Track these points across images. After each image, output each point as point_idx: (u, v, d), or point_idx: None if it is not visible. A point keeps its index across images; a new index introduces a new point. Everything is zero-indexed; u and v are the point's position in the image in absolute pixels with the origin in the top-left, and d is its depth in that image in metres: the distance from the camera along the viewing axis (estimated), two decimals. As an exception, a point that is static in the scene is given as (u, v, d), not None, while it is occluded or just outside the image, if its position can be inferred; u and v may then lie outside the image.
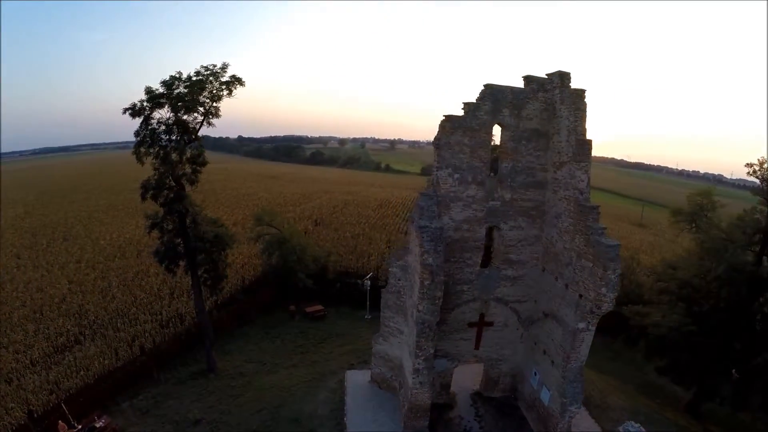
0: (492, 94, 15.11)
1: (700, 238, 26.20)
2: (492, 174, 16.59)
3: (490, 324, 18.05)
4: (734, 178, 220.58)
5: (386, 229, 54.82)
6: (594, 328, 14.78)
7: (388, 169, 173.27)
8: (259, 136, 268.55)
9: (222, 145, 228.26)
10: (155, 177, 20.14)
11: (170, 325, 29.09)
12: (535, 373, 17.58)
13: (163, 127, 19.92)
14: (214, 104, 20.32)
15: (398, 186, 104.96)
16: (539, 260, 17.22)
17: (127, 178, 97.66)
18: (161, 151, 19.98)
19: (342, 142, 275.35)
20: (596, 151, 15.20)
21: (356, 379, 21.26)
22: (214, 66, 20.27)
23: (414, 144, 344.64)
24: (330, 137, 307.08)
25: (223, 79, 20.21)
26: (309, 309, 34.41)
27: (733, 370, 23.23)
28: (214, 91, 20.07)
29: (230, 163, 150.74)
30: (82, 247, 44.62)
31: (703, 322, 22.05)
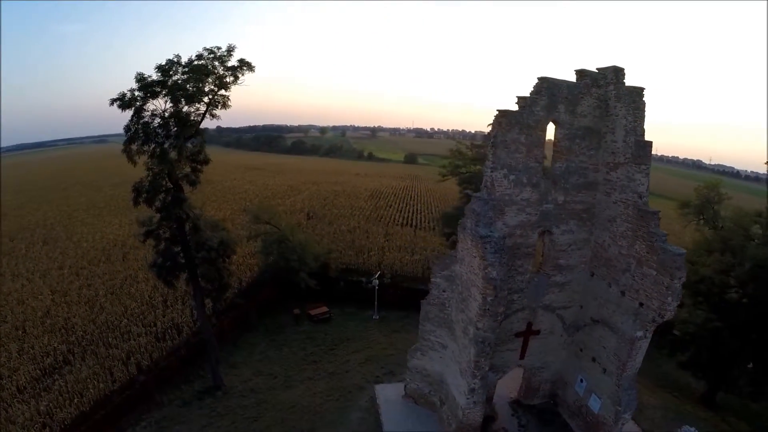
0: (548, 88, 13.61)
1: (718, 233, 25.66)
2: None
3: (537, 332, 16.84)
4: (713, 163, 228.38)
5: (382, 221, 53.04)
6: (650, 336, 13.93)
7: (371, 157, 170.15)
8: (237, 126, 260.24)
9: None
10: (149, 178, 17.58)
11: (167, 337, 26.65)
12: (582, 380, 16.80)
13: (158, 120, 17.30)
14: (221, 92, 17.79)
15: (385, 175, 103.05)
16: (587, 264, 16.20)
17: (106, 173, 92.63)
18: (157, 149, 17.41)
19: (322, 130, 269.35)
20: None
21: (388, 395, 19.56)
22: (219, 49, 17.62)
23: (395, 131, 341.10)
24: (309, 126, 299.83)
25: (229, 64, 17.66)
26: (313, 311, 32.41)
27: (750, 363, 23.01)
28: (220, 79, 17.50)
29: (211, 154, 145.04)
30: (63, 252, 41.24)
31: (728, 318, 21.57)
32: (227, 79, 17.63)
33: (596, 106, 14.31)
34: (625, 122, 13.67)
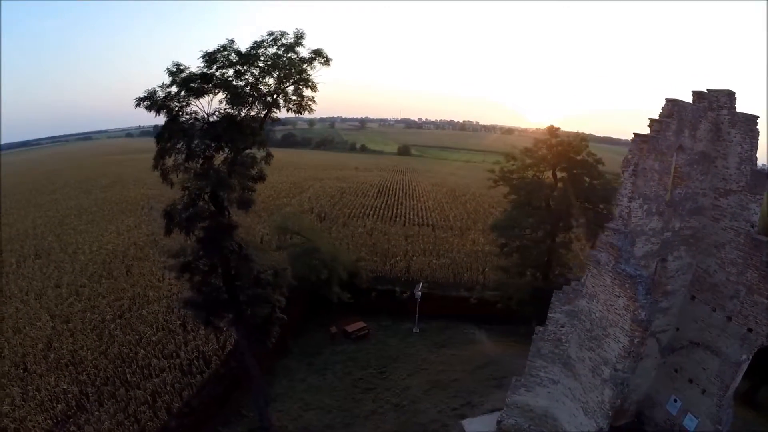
0: (678, 111, 12.70)
1: None
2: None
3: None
4: None
5: (398, 221, 49.52)
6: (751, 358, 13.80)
7: (364, 149, 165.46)
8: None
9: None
10: (185, 199, 13.66)
11: (193, 369, 22.87)
12: (675, 400, 16.40)
13: (199, 126, 13.37)
14: (303, 90, 13.90)
15: (384, 168, 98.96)
16: (687, 288, 15.69)
17: (95, 174, 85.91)
18: (205, 164, 13.50)
19: (310, 122, 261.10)
20: (566, 125, 12.15)
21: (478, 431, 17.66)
22: (283, 34, 13.66)
23: (383, 122, 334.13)
24: (297, 118, 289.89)
25: (304, 55, 13.76)
26: (350, 328, 28.89)
27: None
28: (299, 73, 13.59)
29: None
30: (58, 266, 36.35)
31: None
32: (306, 75, 13.74)
33: (709, 130, 13.68)
34: (740, 149, 13.26)
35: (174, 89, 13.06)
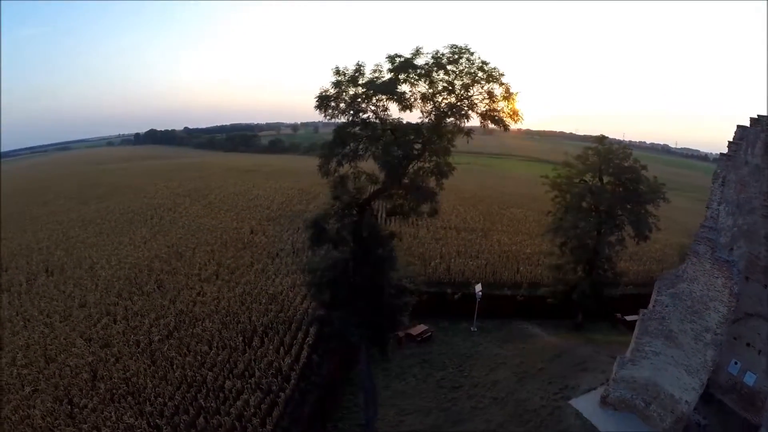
0: (746, 134, 15.36)
1: None
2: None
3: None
4: (679, 147, 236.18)
5: (422, 224, 47.21)
6: None
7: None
8: (206, 126, 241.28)
9: (170, 138, 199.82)
10: (340, 208, 11.37)
11: (273, 388, 19.86)
12: (736, 362, 18.55)
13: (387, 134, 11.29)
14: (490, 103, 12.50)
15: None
16: (742, 272, 17.65)
17: (85, 184, 79.23)
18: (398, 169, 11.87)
19: (294, 128, 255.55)
20: (546, 125, 11.33)
21: (587, 408, 19.35)
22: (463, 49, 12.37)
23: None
24: (279, 123, 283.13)
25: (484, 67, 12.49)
26: (414, 331, 26.82)
27: None
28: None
29: (188, 157, 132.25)
30: (77, 283, 32.01)
31: None
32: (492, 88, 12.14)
33: (762, 147, 15.85)
34: None
35: (358, 90, 11.02)
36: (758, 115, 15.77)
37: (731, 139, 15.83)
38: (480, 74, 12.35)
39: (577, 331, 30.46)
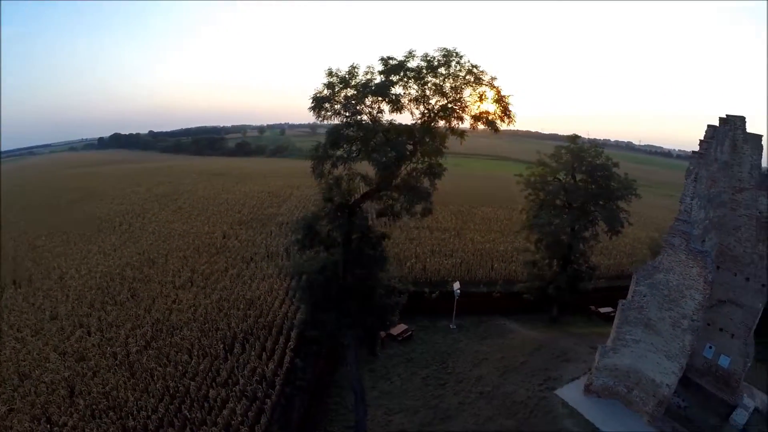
0: (715, 133, 16.05)
1: None
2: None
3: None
4: (643, 144, 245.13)
5: (392, 225, 48.01)
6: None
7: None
8: (171, 129, 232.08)
9: (135, 142, 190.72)
10: (332, 210, 11.69)
11: (258, 394, 19.98)
12: (710, 347, 19.82)
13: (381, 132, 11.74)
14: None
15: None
16: (714, 261, 18.59)
17: (55, 189, 75.05)
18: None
19: (260, 130, 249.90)
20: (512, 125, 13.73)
21: (572, 397, 19.89)
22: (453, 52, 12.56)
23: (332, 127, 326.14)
24: (244, 126, 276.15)
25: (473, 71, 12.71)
26: (394, 331, 27.16)
27: None
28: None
29: (154, 161, 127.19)
30: (47, 294, 30.61)
31: None
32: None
33: (729, 145, 17.10)
34: (751, 159, 17.06)
35: (350, 92, 11.27)
36: (727, 115, 16.63)
37: (702, 138, 16.20)
38: (469, 77, 12.64)
39: (554, 324, 31.38)
